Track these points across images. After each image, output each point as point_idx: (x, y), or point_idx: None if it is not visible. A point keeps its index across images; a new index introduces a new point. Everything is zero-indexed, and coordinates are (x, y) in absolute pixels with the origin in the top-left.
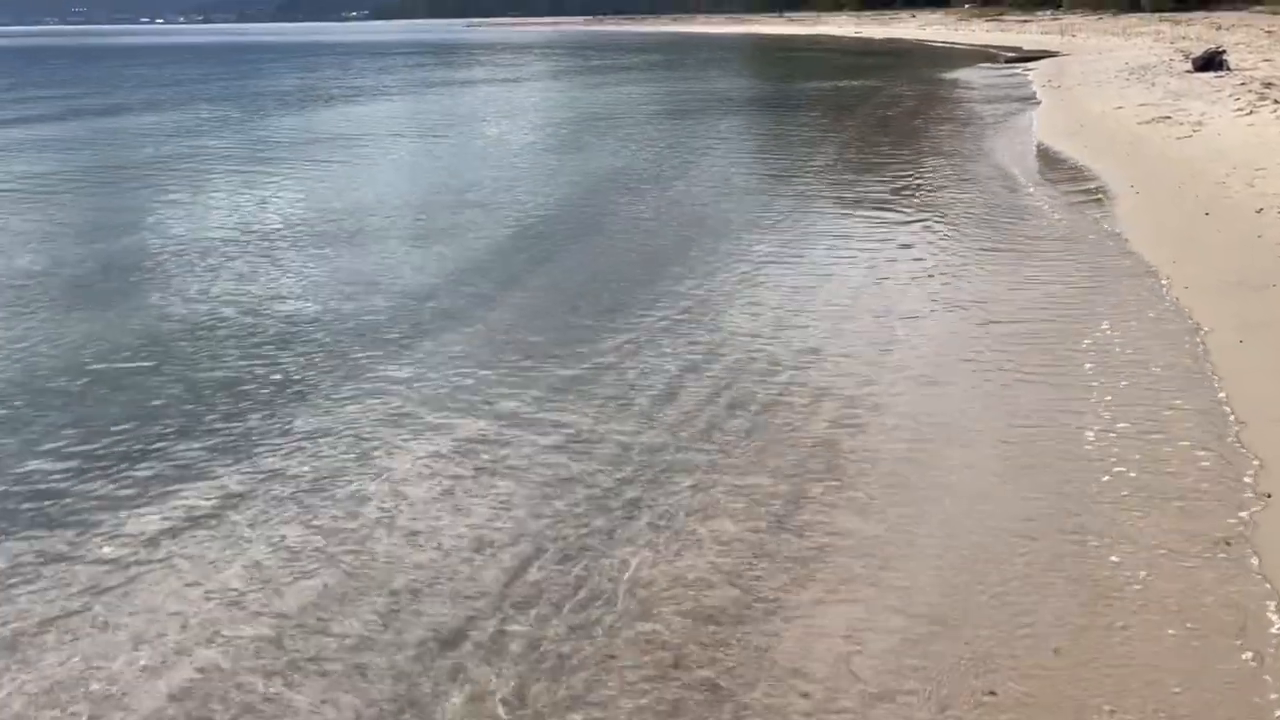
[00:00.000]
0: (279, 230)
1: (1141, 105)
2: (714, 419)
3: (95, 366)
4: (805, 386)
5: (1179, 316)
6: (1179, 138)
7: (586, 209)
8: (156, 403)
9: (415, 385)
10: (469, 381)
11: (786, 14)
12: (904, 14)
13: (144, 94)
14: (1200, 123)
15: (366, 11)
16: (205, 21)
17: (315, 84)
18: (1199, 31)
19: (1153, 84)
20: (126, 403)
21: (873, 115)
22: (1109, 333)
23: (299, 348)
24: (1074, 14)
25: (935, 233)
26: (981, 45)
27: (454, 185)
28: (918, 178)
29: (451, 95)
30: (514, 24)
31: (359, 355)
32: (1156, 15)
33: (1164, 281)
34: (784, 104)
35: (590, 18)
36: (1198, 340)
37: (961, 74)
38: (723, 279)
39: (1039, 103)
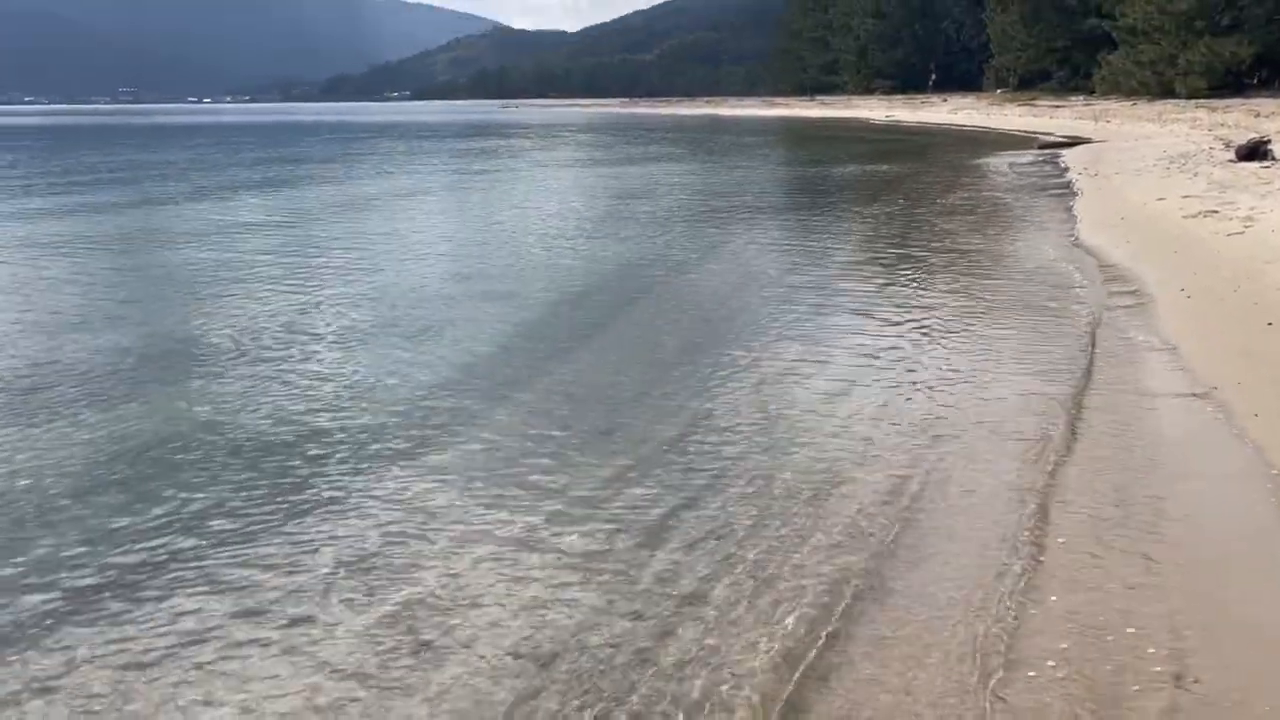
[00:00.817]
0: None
1: (1185, 197)
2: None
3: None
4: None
5: (1251, 455)
6: (1229, 234)
7: (603, 301)
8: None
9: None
10: (456, 505)
11: (818, 97)
12: (935, 98)
13: (196, 181)
14: (1251, 218)
15: (408, 92)
16: (251, 101)
17: (354, 161)
18: (1237, 119)
19: (1195, 174)
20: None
21: (900, 205)
22: (1172, 489)
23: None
24: (1108, 100)
25: (965, 346)
26: (1014, 130)
27: (468, 273)
28: (945, 277)
29: (484, 180)
30: (549, 104)
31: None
32: (1193, 101)
33: (1227, 409)
34: (808, 190)
35: (624, 100)
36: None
37: (993, 160)
38: (735, 390)
39: (1075, 193)
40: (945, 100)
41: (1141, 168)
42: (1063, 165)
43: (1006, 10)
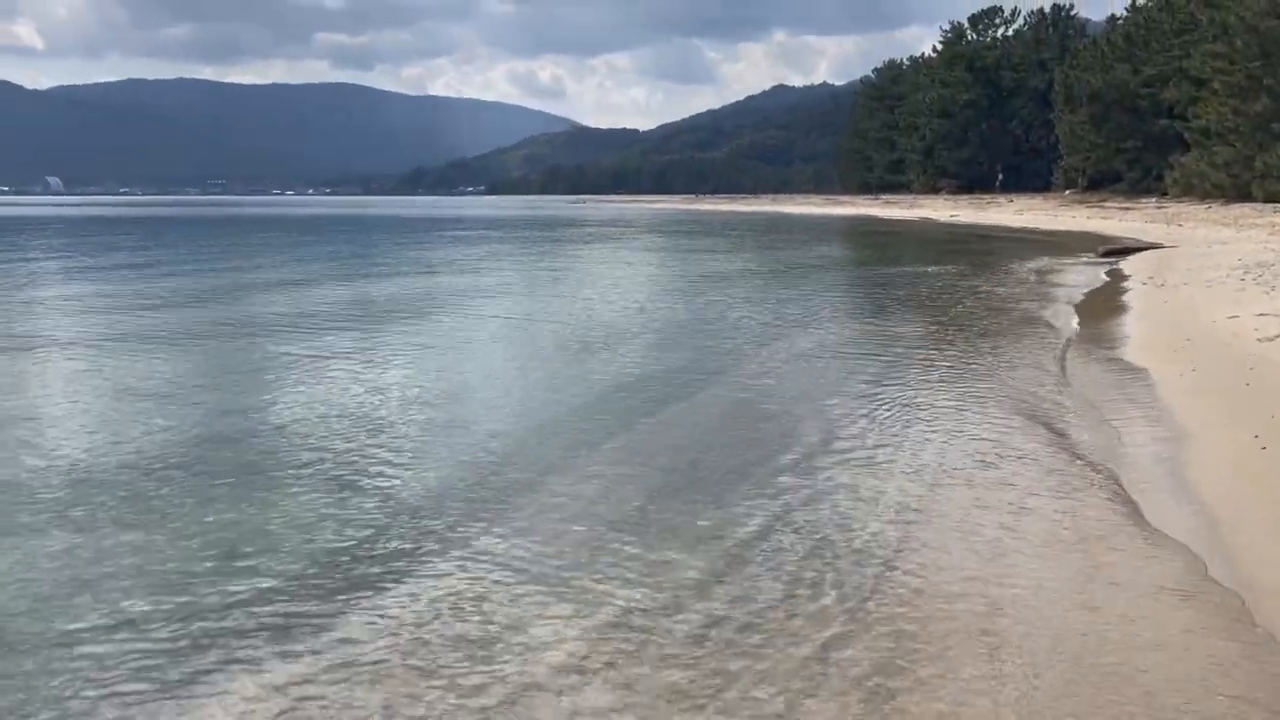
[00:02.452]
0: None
1: (1261, 315)
2: None
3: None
4: None
5: None
6: None
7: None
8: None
9: None
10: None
11: (883, 196)
12: (1001, 198)
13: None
14: None
15: (483, 187)
16: (332, 194)
17: (423, 256)
18: None
19: (1273, 287)
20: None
21: (930, 320)
22: None
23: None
24: (1180, 202)
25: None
26: (1080, 233)
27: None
28: (954, 433)
29: (553, 276)
30: (615, 200)
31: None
32: (1270, 206)
33: None
34: (844, 294)
35: (689, 196)
36: None
37: (1050, 266)
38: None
39: (1130, 308)
40: (1011, 200)
41: (1214, 279)
42: (1126, 274)
43: (1075, 111)
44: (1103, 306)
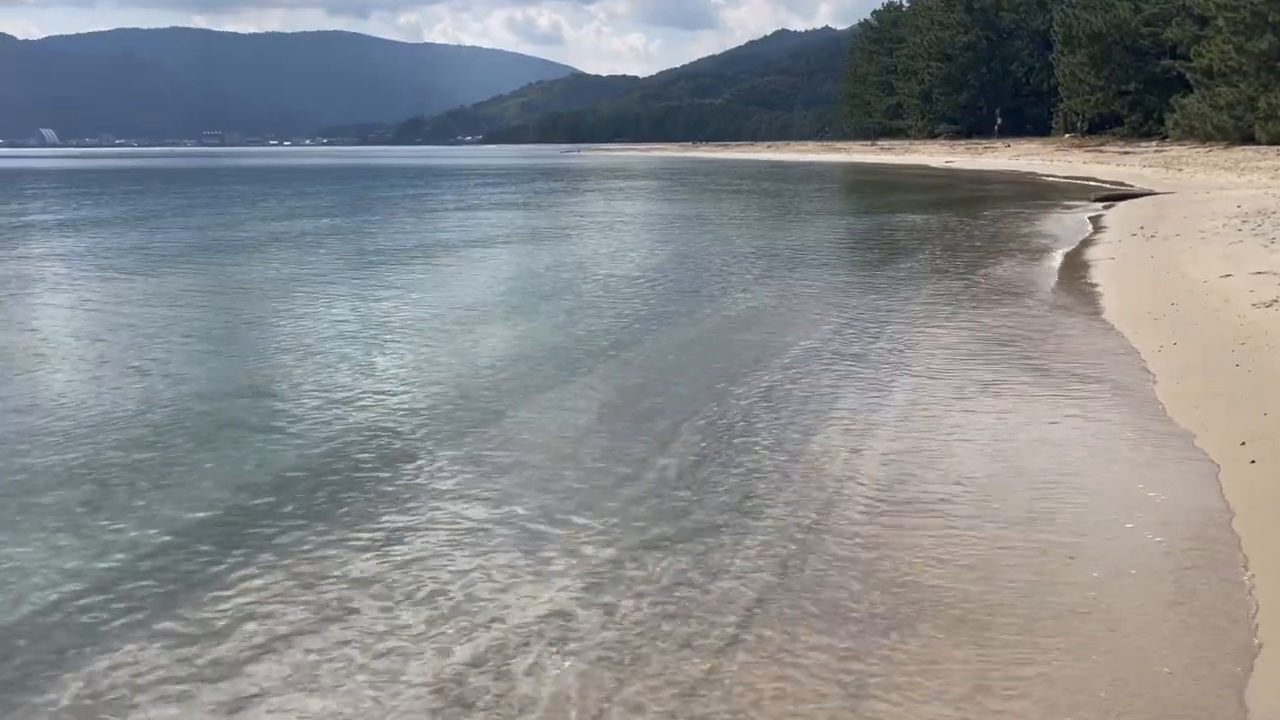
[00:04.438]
0: None
1: (1257, 274)
2: None
3: None
4: None
5: None
6: None
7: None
8: None
9: None
10: None
11: (880, 142)
12: (999, 143)
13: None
14: None
15: (480, 136)
16: (329, 144)
17: (427, 203)
18: None
19: (1273, 239)
20: None
21: (889, 281)
22: None
23: None
24: (1181, 145)
25: None
26: (1075, 179)
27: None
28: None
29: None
30: (611, 149)
31: None
32: (1274, 148)
33: None
34: (819, 239)
35: (686, 144)
36: None
37: (1033, 215)
38: None
39: (1113, 263)
40: (1008, 146)
41: (1209, 230)
42: (1113, 223)
43: (1075, 52)
44: (1082, 264)
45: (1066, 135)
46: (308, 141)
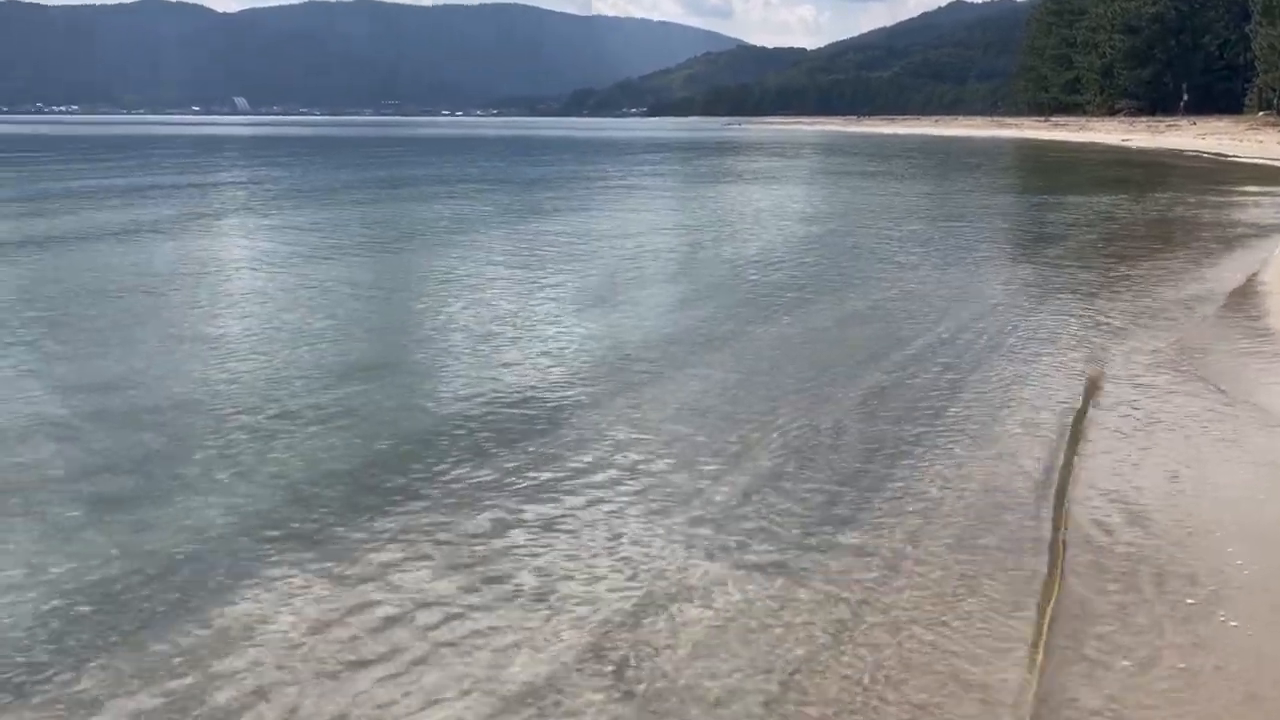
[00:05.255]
0: None
1: None
2: None
3: None
4: None
5: None
6: None
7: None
8: None
9: None
10: None
11: (1053, 119)
12: (1183, 121)
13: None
14: None
15: (645, 109)
16: (499, 115)
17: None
18: None
19: None
20: None
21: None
22: None
23: None
24: None
25: None
26: (1270, 163)
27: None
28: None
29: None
30: (771, 122)
31: None
32: None
33: None
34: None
35: (849, 118)
36: None
37: (1217, 204)
38: None
39: None
40: (1193, 124)
41: None
42: None
43: (1275, 23)
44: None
45: (1261, 113)
46: (479, 112)
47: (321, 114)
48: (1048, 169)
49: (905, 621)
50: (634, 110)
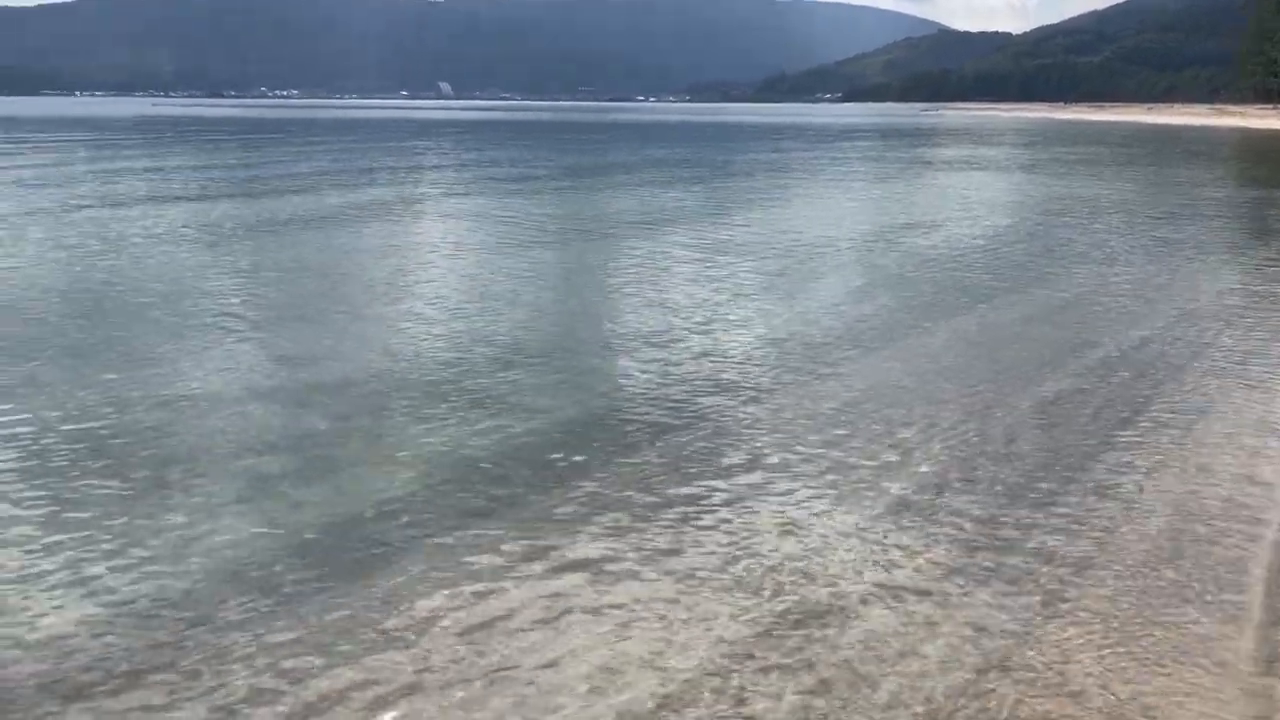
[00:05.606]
0: None
1: None
2: None
3: None
4: None
5: None
6: None
7: None
8: None
9: None
10: None
11: None
12: None
13: None
14: None
15: (839, 94)
16: (691, 101)
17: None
18: None
19: None
20: None
21: None
22: None
23: None
24: None
25: None
26: None
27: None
28: None
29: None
30: (971, 109)
31: None
32: None
33: None
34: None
35: (1054, 104)
36: None
37: None
38: None
39: None
40: None
41: None
42: None
43: None
44: None
45: None
46: (671, 98)
47: (520, 99)
48: (1274, 160)
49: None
50: (826, 96)
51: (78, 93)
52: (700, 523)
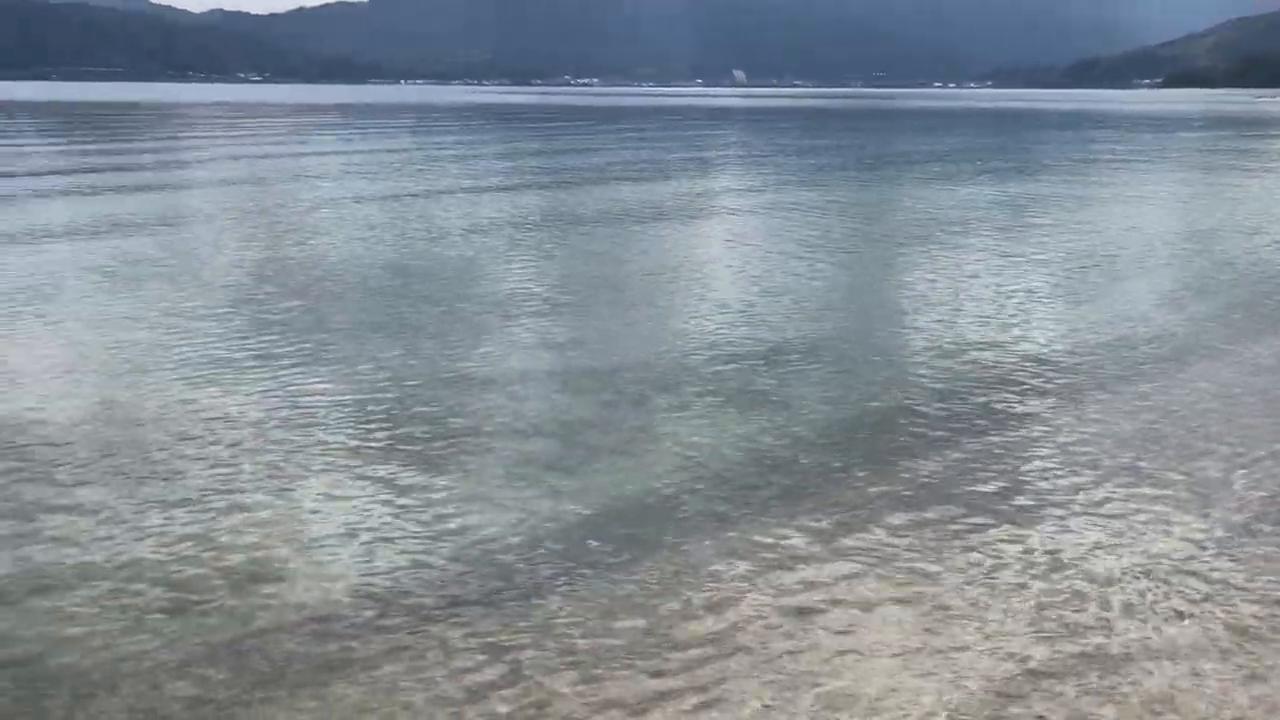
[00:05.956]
0: None
1: None
2: None
3: None
4: None
5: None
6: None
7: None
8: None
9: None
10: None
11: None
12: None
13: None
14: None
15: (1159, 80)
16: (993, 87)
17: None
18: None
19: None
20: None
21: None
22: None
23: None
24: None
25: None
26: None
27: None
28: None
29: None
30: None
31: None
32: None
33: None
34: None
35: None
36: None
37: None
38: None
39: None
40: None
41: None
42: None
43: None
44: None
45: None
46: (971, 84)
47: (812, 85)
48: None
49: None
50: (1145, 82)
51: (401, 81)
52: (1002, 531)
